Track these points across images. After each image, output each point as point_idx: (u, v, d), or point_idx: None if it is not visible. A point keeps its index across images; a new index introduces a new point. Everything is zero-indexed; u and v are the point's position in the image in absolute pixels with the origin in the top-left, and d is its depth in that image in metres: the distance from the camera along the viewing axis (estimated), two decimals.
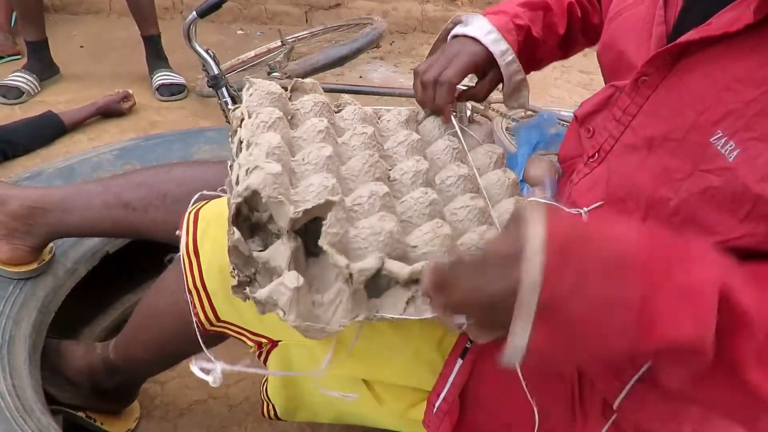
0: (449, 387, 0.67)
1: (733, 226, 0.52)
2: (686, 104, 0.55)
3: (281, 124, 0.69)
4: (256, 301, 0.55)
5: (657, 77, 0.58)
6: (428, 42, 3.04)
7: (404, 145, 0.73)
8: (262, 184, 0.56)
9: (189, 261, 0.72)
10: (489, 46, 0.77)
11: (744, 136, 0.50)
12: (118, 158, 1.23)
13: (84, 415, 0.99)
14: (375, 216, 0.59)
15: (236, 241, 0.57)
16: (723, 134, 0.51)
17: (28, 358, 0.89)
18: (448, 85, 0.75)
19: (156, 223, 0.87)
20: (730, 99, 0.51)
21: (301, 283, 0.53)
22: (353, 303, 0.55)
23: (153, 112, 2.02)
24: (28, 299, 0.95)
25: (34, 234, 0.91)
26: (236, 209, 0.59)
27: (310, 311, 0.54)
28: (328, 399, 0.78)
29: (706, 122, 0.53)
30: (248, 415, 1.16)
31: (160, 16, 2.39)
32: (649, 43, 0.62)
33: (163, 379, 1.19)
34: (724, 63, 0.52)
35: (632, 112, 0.61)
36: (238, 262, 0.57)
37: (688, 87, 0.55)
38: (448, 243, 0.58)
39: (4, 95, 1.94)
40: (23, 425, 0.78)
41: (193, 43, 1.58)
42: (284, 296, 0.53)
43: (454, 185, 0.68)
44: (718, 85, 0.52)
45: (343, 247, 0.56)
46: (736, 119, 0.51)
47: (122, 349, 0.92)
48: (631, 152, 0.60)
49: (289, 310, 0.52)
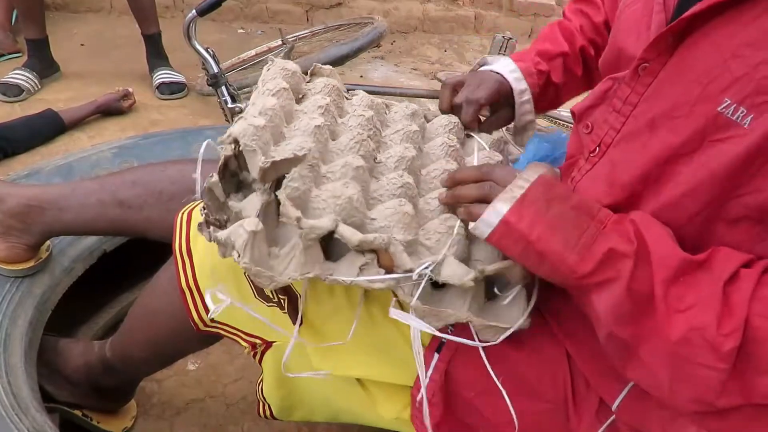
0: (427, 381, 0.66)
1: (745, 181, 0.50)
2: (690, 80, 0.53)
3: (285, 94, 0.73)
4: (218, 242, 0.58)
5: (658, 63, 0.57)
6: (429, 42, 3.04)
7: (400, 134, 0.76)
8: (242, 133, 0.61)
9: (182, 261, 0.72)
10: (512, 82, 0.84)
11: (756, 101, 0.48)
12: (116, 156, 1.23)
13: (80, 414, 0.99)
14: (340, 182, 0.62)
15: (213, 183, 0.61)
16: (731, 102, 0.50)
17: (24, 356, 0.89)
18: (476, 105, 0.82)
19: (151, 221, 0.86)
20: (738, 65, 0.50)
21: (259, 228, 0.56)
22: (306, 259, 0.57)
23: (153, 110, 2.02)
24: (25, 297, 0.95)
25: (31, 232, 0.91)
26: (224, 161, 0.63)
27: (265, 260, 0.57)
28: (323, 398, 0.78)
29: (713, 92, 0.51)
30: (245, 413, 1.16)
31: (161, 15, 2.39)
32: (649, 33, 0.60)
33: (160, 378, 1.19)
34: (731, 29, 0.51)
35: (633, 101, 0.59)
36: (210, 204, 0.61)
37: (693, 64, 0.53)
38: (407, 221, 0.60)
39: (5, 93, 1.94)
40: (18, 423, 0.77)
41: (192, 42, 1.58)
42: (241, 238, 0.55)
43: (438, 178, 0.70)
44: (725, 53, 0.51)
45: (303, 204, 0.59)
46: (744, 84, 0.49)
47: (118, 349, 0.92)
48: (632, 139, 0.59)
49: (243, 252, 0.55)
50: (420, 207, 0.66)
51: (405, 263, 0.57)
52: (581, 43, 0.87)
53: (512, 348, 0.65)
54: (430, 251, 0.60)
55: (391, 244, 0.57)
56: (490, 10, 3.28)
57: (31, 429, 0.78)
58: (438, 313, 0.58)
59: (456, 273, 0.57)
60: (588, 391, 0.64)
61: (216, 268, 0.69)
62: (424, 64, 2.77)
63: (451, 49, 2.97)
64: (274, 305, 0.69)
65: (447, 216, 0.63)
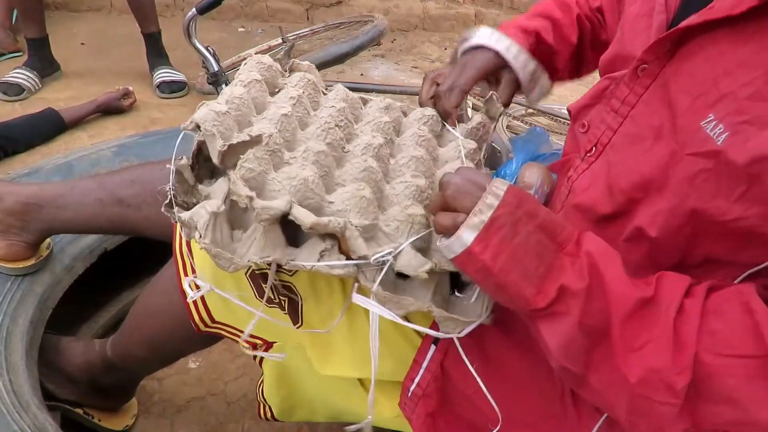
0: (423, 372, 0.67)
1: (727, 207, 0.51)
2: (684, 90, 0.54)
3: (258, 86, 0.74)
4: (181, 222, 0.58)
5: (657, 65, 0.57)
6: (429, 40, 3.04)
7: (370, 125, 0.75)
8: (203, 118, 0.61)
9: (182, 261, 0.72)
10: (493, 45, 0.78)
11: (735, 120, 0.49)
12: (116, 155, 1.23)
13: (82, 412, 0.99)
14: (297, 164, 0.61)
15: (182, 166, 0.63)
16: (714, 117, 0.50)
17: (25, 354, 0.89)
18: (459, 90, 0.76)
19: (150, 219, 0.87)
20: (727, 83, 0.50)
21: (221, 210, 0.57)
22: (267, 242, 0.57)
23: (153, 109, 2.02)
24: (26, 295, 0.95)
25: (30, 230, 0.91)
26: (197, 146, 0.64)
27: (228, 243, 0.58)
28: (324, 398, 0.78)
29: (701, 106, 0.52)
30: (245, 412, 1.16)
31: (161, 14, 2.39)
32: (649, 32, 0.60)
33: (161, 376, 1.19)
34: (724, 47, 0.51)
35: (631, 102, 0.59)
36: (178, 186, 0.63)
37: (689, 73, 0.54)
38: (364, 206, 0.59)
39: (5, 92, 1.94)
40: (19, 421, 0.78)
41: (192, 40, 1.58)
42: (202, 218, 0.56)
43: (405, 165, 0.69)
44: (717, 69, 0.51)
45: (259, 186, 0.59)
46: (729, 103, 0.50)
47: (119, 347, 0.92)
48: (634, 142, 0.59)
49: (205, 233, 0.56)
50: (386, 193, 0.65)
51: (359, 249, 0.56)
52: (577, 12, 0.84)
53: (510, 344, 0.65)
54: (389, 238, 0.59)
55: (347, 229, 0.56)
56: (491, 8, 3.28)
57: (32, 427, 0.78)
58: (399, 300, 0.57)
59: (411, 264, 0.57)
60: None
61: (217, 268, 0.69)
62: (425, 63, 2.77)
63: (451, 47, 2.97)
64: (276, 306, 0.69)
65: (409, 204, 0.62)
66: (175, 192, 0.62)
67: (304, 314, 0.67)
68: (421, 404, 0.67)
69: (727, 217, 0.51)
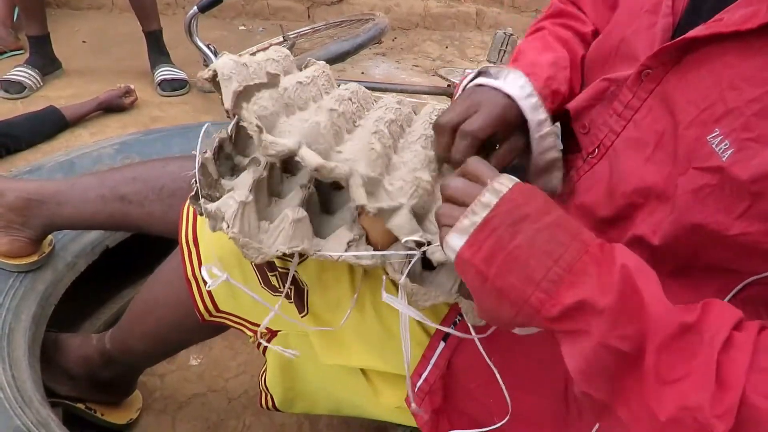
0: (431, 368, 0.67)
1: (729, 224, 0.51)
2: (689, 100, 0.53)
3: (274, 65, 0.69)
4: (208, 214, 0.58)
5: (661, 71, 0.57)
6: (430, 38, 3.04)
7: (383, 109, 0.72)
8: (222, 66, 0.59)
9: (188, 250, 0.73)
10: (527, 111, 0.63)
11: (740, 136, 0.49)
12: (118, 152, 1.24)
13: (83, 407, 1.00)
14: (311, 110, 0.61)
15: (207, 159, 0.62)
16: (719, 132, 0.50)
17: (27, 350, 0.89)
18: (471, 138, 0.61)
19: (152, 216, 0.87)
20: (733, 98, 0.50)
21: (249, 199, 0.57)
22: (295, 232, 0.57)
23: (154, 107, 2.02)
24: (28, 292, 0.95)
25: (31, 226, 0.91)
26: (219, 143, 0.64)
27: (255, 233, 0.58)
28: (326, 389, 0.79)
29: (707, 119, 0.51)
30: (246, 408, 1.16)
31: (162, 12, 2.39)
32: (652, 32, 0.60)
33: (163, 372, 1.20)
34: (731, 60, 0.51)
35: (635, 105, 0.59)
36: (202, 179, 0.62)
37: (694, 82, 0.54)
38: (373, 158, 0.58)
39: (7, 90, 1.94)
40: (22, 416, 0.78)
41: (194, 38, 1.58)
42: (230, 209, 0.56)
43: (415, 142, 0.67)
44: (723, 82, 0.51)
45: (270, 126, 0.58)
46: (735, 118, 0.50)
47: (119, 340, 0.92)
48: (636, 147, 0.59)
49: (233, 223, 0.56)
50: (394, 161, 0.63)
51: (360, 198, 0.55)
52: (581, 52, 0.73)
53: (514, 342, 0.66)
54: (390, 196, 0.58)
55: (351, 176, 0.55)
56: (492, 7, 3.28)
57: (35, 422, 0.79)
58: (426, 292, 0.57)
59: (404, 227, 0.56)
60: None
61: (223, 257, 0.69)
62: (426, 61, 2.77)
63: (452, 45, 2.97)
64: (280, 295, 0.69)
65: (418, 167, 0.60)
66: (199, 185, 0.61)
67: (310, 303, 0.68)
68: (428, 400, 0.68)
69: (730, 233, 0.51)
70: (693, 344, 0.43)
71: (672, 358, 0.43)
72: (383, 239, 0.60)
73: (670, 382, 0.43)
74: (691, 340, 0.44)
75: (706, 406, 0.41)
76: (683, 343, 0.44)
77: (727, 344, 0.43)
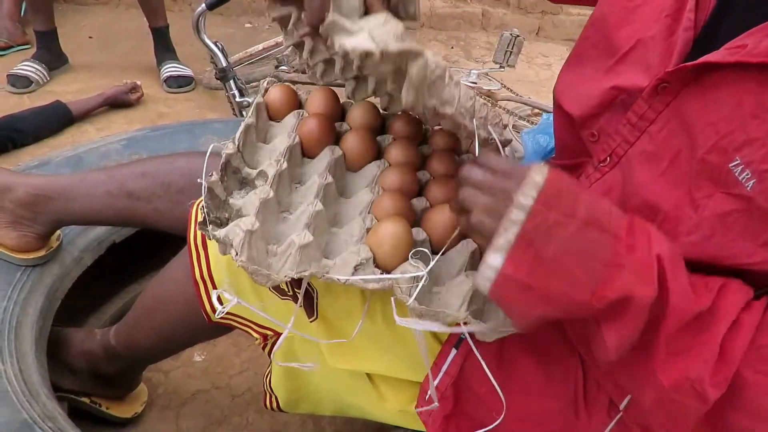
0: (442, 376, 0.67)
1: (752, 250, 0.51)
2: (709, 123, 0.52)
3: None
4: (216, 240, 0.59)
5: (679, 84, 0.56)
6: (436, 38, 3.04)
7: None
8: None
9: (197, 252, 0.73)
10: None
11: (762, 167, 0.49)
12: (125, 148, 1.24)
13: (88, 401, 1.01)
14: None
15: (212, 182, 0.62)
16: (741, 162, 0.50)
17: (34, 343, 0.90)
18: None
19: (160, 212, 0.87)
20: (755, 127, 0.49)
21: (255, 227, 0.57)
22: (302, 257, 0.58)
23: (160, 103, 2.02)
24: (36, 286, 0.96)
25: (40, 221, 0.92)
26: (226, 159, 0.65)
27: (263, 258, 0.59)
28: (331, 392, 0.79)
29: (728, 147, 0.51)
30: (250, 405, 1.17)
31: (169, 8, 2.39)
32: (671, 43, 0.58)
33: (167, 368, 1.20)
34: (752, 87, 0.50)
35: (650, 117, 0.58)
36: (210, 203, 0.62)
37: (713, 105, 0.53)
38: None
39: (14, 84, 1.95)
40: (29, 409, 0.78)
41: (201, 35, 1.58)
42: (237, 237, 0.57)
43: None
44: (745, 110, 0.50)
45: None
46: (756, 149, 0.49)
47: (124, 336, 0.93)
48: (650, 161, 0.58)
49: (241, 251, 0.56)
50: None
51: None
52: None
53: (525, 347, 0.66)
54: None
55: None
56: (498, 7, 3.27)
57: (42, 415, 0.79)
58: (435, 314, 0.57)
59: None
60: (599, 390, 0.64)
61: (231, 260, 0.70)
62: None
63: (458, 45, 2.97)
64: (289, 298, 0.69)
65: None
66: (207, 210, 0.62)
67: (320, 308, 0.68)
68: (439, 407, 0.68)
69: (751, 260, 0.52)
70: (703, 325, 0.50)
71: (682, 335, 0.49)
72: (391, 261, 0.60)
73: (677, 353, 0.50)
74: (703, 323, 0.50)
75: (705, 377, 0.49)
76: (695, 324, 0.50)
77: (734, 326, 0.50)
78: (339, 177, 0.72)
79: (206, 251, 0.71)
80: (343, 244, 0.64)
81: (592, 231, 0.48)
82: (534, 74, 2.78)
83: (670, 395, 0.50)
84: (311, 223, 0.61)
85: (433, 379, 0.67)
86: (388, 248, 0.59)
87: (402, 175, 0.70)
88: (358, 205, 0.68)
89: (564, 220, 0.48)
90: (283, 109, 0.78)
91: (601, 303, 0.48)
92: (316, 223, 0.62)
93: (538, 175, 0.48)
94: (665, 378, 0.50)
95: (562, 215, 0.48)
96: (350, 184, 0.73)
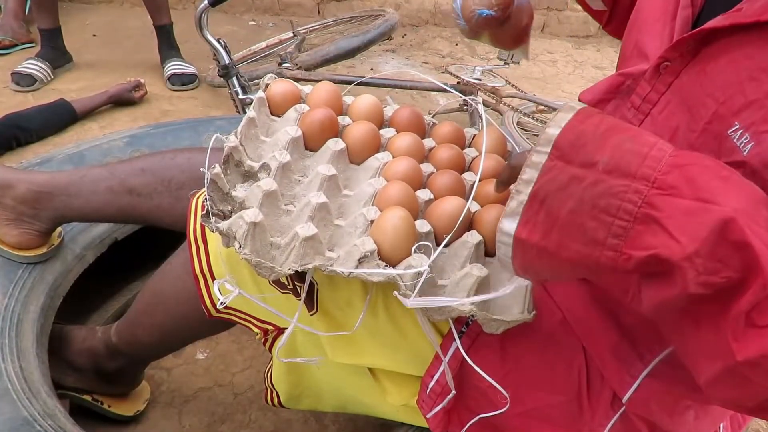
0: (443, 369, 0.66)
1: None
2: (708, 93, 0.52)
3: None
4: (220, 232, 0.59)
5: (680, 63, 0.56)
6: (440, 35, 3.03)
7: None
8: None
9: (196, 246, 0.72)
10: None
11: (760, 128, 0.48)
12: (128, 145, 1.24)
13: (90, 399, 1.00)
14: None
15: (215, 174, 0.62)
16: (740, 126, 0.49)
17: (35, 341, 0.90)
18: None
19: (161, 208, 0.87)
20: (753, 89, 0.49)
21: (259, 219, 0.57)
22: (306, 250, 0.58)
23: (164, 101, 2.02)
24: (37, 283, 0.95)
25: (41, 218, 0.91)
26: (228, 152, 0.65)
27: (267, 251, 0.58)
28: (332, 387, 0.79)
29: (727, 113, 0.50)
30: (252, 403, 1.16)
31: (173, 6, 2.39)
32: (673, 25, 0.59)
33: (170, 366, 1.20)
34: (751, 51, 0.50)
35: (653, 99, 0.58)
36: (214, 195, 0.62)
37: (712, 75, 0.53)
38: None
39: (18, 82, 1.96)
40: (29, 407, 0.78)
41: (204, 33, 1.58)
42: (241, 229, 0.57)
43: None
44: (742, 74, 0.50)
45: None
46: (755, 110, 0.48)
47: (125, 333, 0.92)
48: None
49: (244, 243, 0.56)
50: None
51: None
52: None
53: (528, 341, 0.65)
54: None
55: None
56: None
57: (42, 413, 0.79)
58: (439, 308, 0.57)
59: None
60: (603, 384, 0.64)
61: (231, 254, 0.69)
62: (435, 58, 2.75)
63: (462, 42, 2.96)
64: (289, 292, 0.69)
65: None
66: (211, 202, 0.61)
67: (321, 300, 0.67)
68: (439, 401, 0.67)
69: None
70: None
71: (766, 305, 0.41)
72: (395, 253, 0.59)
73: (760, 326, 0.41)
74: None
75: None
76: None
77: None
78: (342, 169, 0.71)
79: (206, 245, 0.71)
80: (346, 237, 0.63)
81: (615, 180, 0.42)
82: (539, 71, 2.76)
83: (742, 371, 0.42)
84: (315, 215, 0.61)
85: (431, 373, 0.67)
86: (393, 240, 0.59)
87: (406, 166, 0.69)
88: (361, 197, 0.68)
89: (580, 173, 0.43)
90: (285, 103, 0.78)
91: (629, 264, 0.42)
92: (319, 215, 0.62)
93: (553, 127, 0.44)
94: (740, 351, 0.41)
95: (579, 167, 0.43)
96: (353, 177, 0.72)
